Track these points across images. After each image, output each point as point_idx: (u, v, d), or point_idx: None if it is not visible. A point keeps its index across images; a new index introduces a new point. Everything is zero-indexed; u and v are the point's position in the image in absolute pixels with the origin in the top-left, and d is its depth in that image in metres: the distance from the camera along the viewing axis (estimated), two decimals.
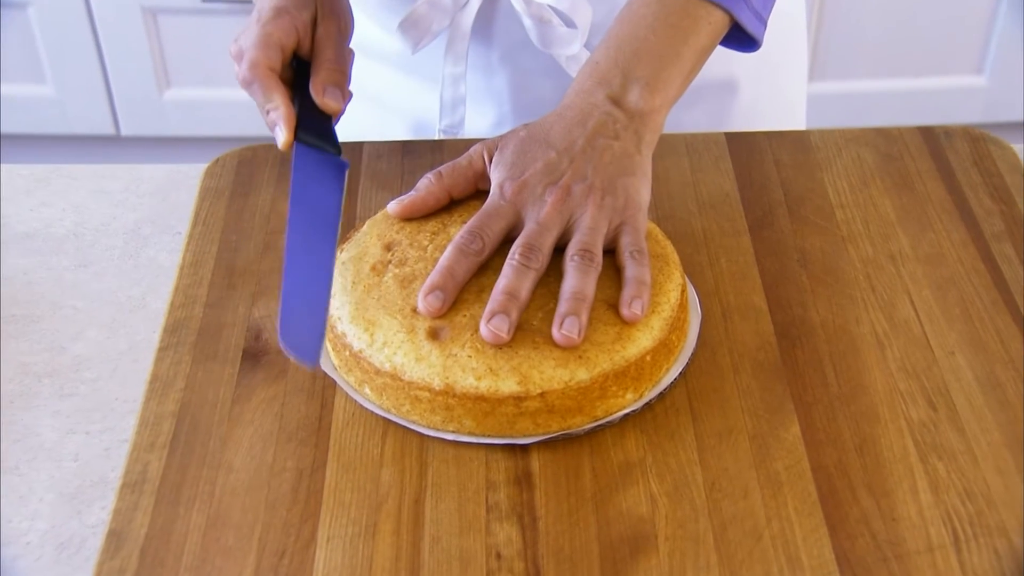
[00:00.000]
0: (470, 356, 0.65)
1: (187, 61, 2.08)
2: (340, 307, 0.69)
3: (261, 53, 0.77)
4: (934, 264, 0.77)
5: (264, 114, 0.78)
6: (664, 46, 0.74)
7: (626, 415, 0.66)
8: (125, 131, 2.16)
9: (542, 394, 0.64)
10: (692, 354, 0.70)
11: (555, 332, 0.65)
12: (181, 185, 0.89)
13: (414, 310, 0.67)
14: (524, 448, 0.65)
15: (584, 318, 0.66)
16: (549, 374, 0.64)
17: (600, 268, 0.68)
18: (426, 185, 0.73)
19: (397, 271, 0.69)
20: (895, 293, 0.75)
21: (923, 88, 2.12)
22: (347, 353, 0.67)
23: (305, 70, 0.80)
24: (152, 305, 0.78)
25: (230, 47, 0.80)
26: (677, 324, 0.69)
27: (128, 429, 0.68)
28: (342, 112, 0.79)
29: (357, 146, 0.86)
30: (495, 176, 0.72)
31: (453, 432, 0.65)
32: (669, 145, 0.86)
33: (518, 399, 0.64)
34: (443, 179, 0.73)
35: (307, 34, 0.80)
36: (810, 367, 0.70)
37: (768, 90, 0.98)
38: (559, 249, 0.70)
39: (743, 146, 0.86)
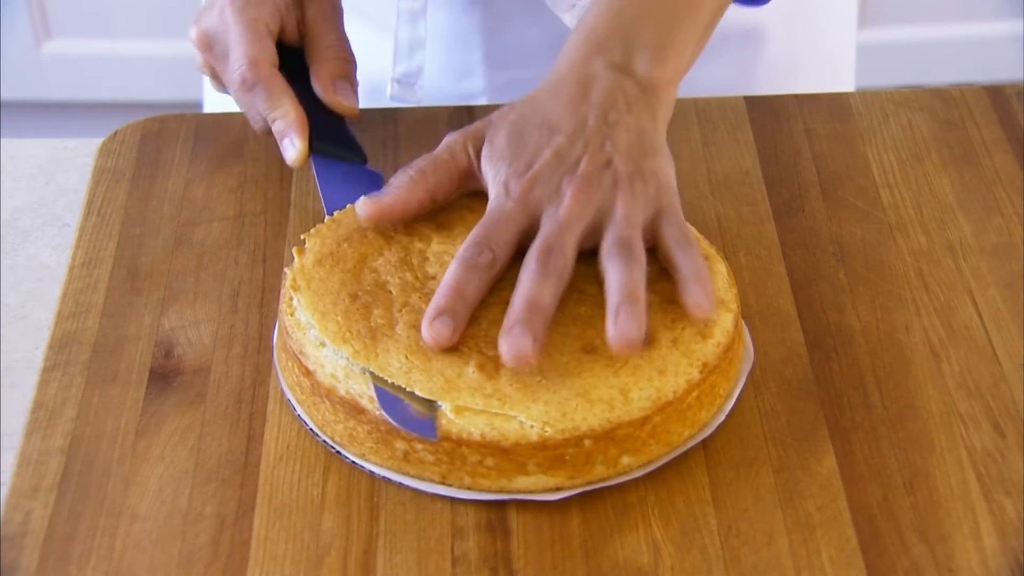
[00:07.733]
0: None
1: (73, 5, 2.08)
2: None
3: (259, 47, 0.78)
4: (1002, 257, 0.79)
5: (261, 123, 0.79)
6: (677, 4, 0.75)
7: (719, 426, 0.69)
8: None
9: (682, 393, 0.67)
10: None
11: (609, 330, 0.65)
12: (69, 165, 0.90)
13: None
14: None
15: (640, 311, 0.66)
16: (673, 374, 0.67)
17: (644, 263, 0.68)
18: (407, 185, 0.72)
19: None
20: (954, 293, 0.76)
21: (992, 36, 2.12)
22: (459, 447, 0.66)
23: (291, 60, 0.81)
24: (34, 315, 0.80)
25: (190, 30, 0.81)
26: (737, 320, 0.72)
27: (5, 470, 0.69)
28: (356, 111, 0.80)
29: None
30: (493, 173, 0.72)
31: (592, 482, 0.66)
32: (676, 112, 0.86)
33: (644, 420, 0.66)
34: (427, 179, 0.73)
35: (290, 16, 0.81)
36: (849, 384, 0.71)
37: (806, 40, 0.99)
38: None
39: (767, 112, 0.88)
